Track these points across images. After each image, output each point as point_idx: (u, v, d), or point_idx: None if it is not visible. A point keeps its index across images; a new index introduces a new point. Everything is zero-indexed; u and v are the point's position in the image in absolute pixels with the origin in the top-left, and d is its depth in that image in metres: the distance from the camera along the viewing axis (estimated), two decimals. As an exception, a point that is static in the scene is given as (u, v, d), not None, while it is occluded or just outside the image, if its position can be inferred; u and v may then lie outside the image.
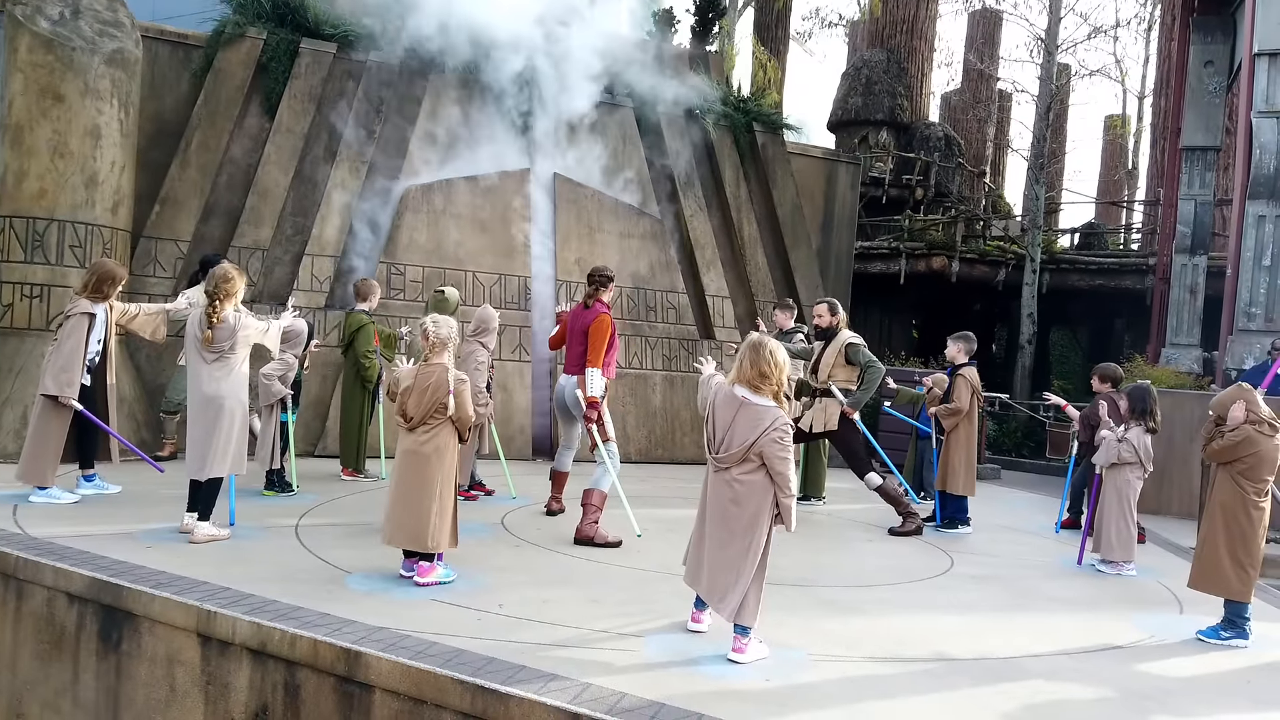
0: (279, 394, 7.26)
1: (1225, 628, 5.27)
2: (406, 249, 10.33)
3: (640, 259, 11.69)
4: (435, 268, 10.38)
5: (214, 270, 6.00)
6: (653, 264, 11.77)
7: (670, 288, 11.84)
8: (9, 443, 7.91)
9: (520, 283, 10.80)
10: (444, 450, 5.17)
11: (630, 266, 11.54)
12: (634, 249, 11.67)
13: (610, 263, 11.07)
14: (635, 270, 11.60)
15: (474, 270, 10.56)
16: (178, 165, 9.84)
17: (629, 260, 11.56)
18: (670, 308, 11.78)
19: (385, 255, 10.25)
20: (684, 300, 11.92)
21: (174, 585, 4.74)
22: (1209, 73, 13.70)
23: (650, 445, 11.08)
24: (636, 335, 11.37)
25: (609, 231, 11.49)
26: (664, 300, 11.75)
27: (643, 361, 11.30)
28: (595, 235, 11.38)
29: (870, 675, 4.29)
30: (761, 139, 13.23)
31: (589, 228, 11.38)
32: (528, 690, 3.72)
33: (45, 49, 8.34)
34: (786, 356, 4.46)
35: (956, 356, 8.15)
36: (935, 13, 24.66)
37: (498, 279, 10.67)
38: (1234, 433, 5.29)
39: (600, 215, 11.49)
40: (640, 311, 11.52)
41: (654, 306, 11.65)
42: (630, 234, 11.64)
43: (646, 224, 11.84)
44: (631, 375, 11.15)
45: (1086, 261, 18.80)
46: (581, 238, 11.29)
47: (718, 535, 4.42)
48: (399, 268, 10.21)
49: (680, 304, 11.87)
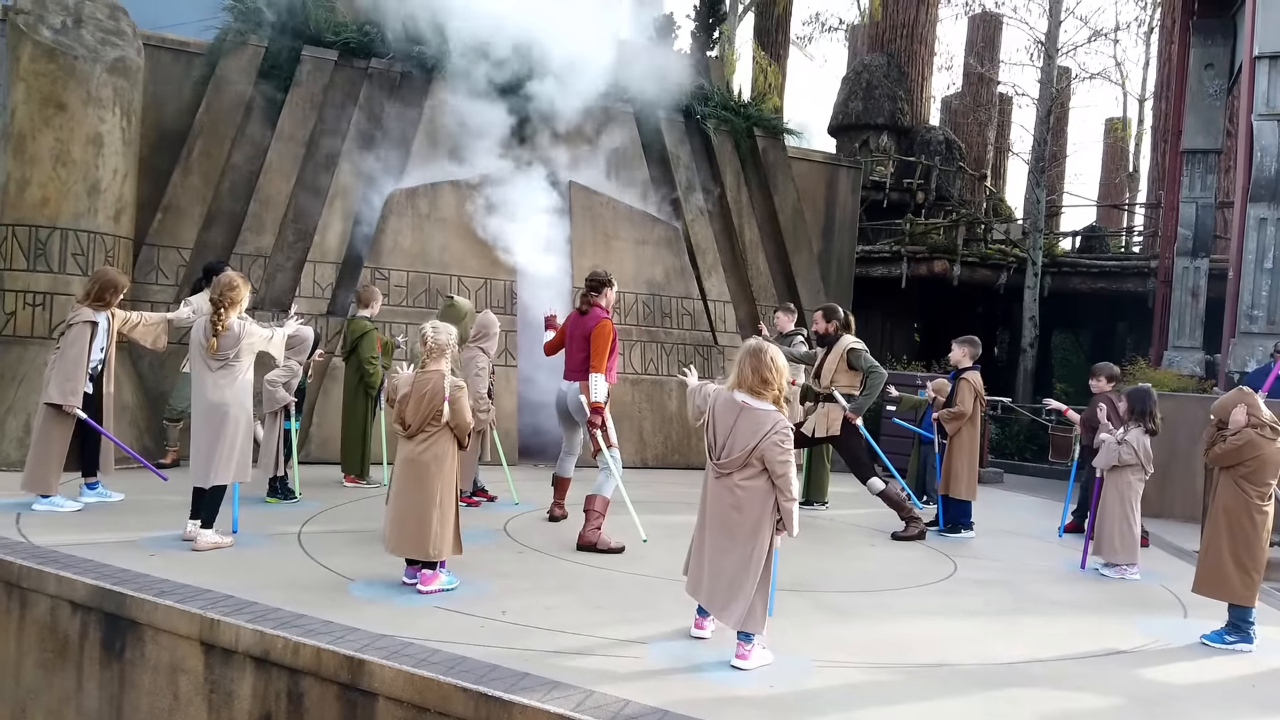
0: (283, 401, 7.26)
1: (1230, 632, 5.26)
2: (391, 253, 10.28)
3: (655, 265, 11.75)
4: (420, 272, 10.34)
5: (219, 278, 6.01)
6: (667, 270, 11.82)
7: (685, 294, 11.90)
8: (12, 451, 7.91)
9: (505, 286, 10.76)
10: (443, 457, 5.17)
11: (645, 273, 11.61)
12: (649, 256, 11.72)
13: (626, 269, 11.27)
14: (650, 277, 11.67)
15: (459, 274, 10.54)
16: (180, 173, 9.87)
17: (644, 267, 11.62)
18: (685, 314, 11.84)
19: (370, 259, 10.20)
20: (699, 306, 11.97)
21: (177, 593, 4.75)
22: (1209, 75, 13.70)
23: (666, 451, 11.08)
24: (652, 341, 11.40)
25: (624, 239, 11.51)
26: (679, 306, 11.81)
27: (658, 368, 11.30)
28: (611, 242, 11.39)
29: (874, 681, 4.28)
30: (762, 143, 13.24)
31: (605, 235, 11.38)
32: (531, 698, 3.72)
33: (48, 58, 8.36)
34: (785, 361, 4.48)
35: (961, 360, 8.13)
36: (935, 17, 24.69)
37: (483, 283, 10.64)
38: (1236, 436, 5.28)
39: (615, 222, 11.52)
40: (655, 318, 11.58)
41: (669, 313, 11.71)
42: (645, 241, 11.68)
43: (661, 230, 11.88)
44: (648, 381, 11.15)
45: (1088, 265, 18.79)
46: (597, 245, 11.27)
47: (719, 543, 4.41)
48: (383, 272, 10.18)
49: (695, 310, 11.93)
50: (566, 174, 11.33)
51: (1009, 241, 20.31)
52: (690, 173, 12.51)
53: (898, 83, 22.49)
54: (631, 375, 11.06)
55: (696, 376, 5.13)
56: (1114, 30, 31.37)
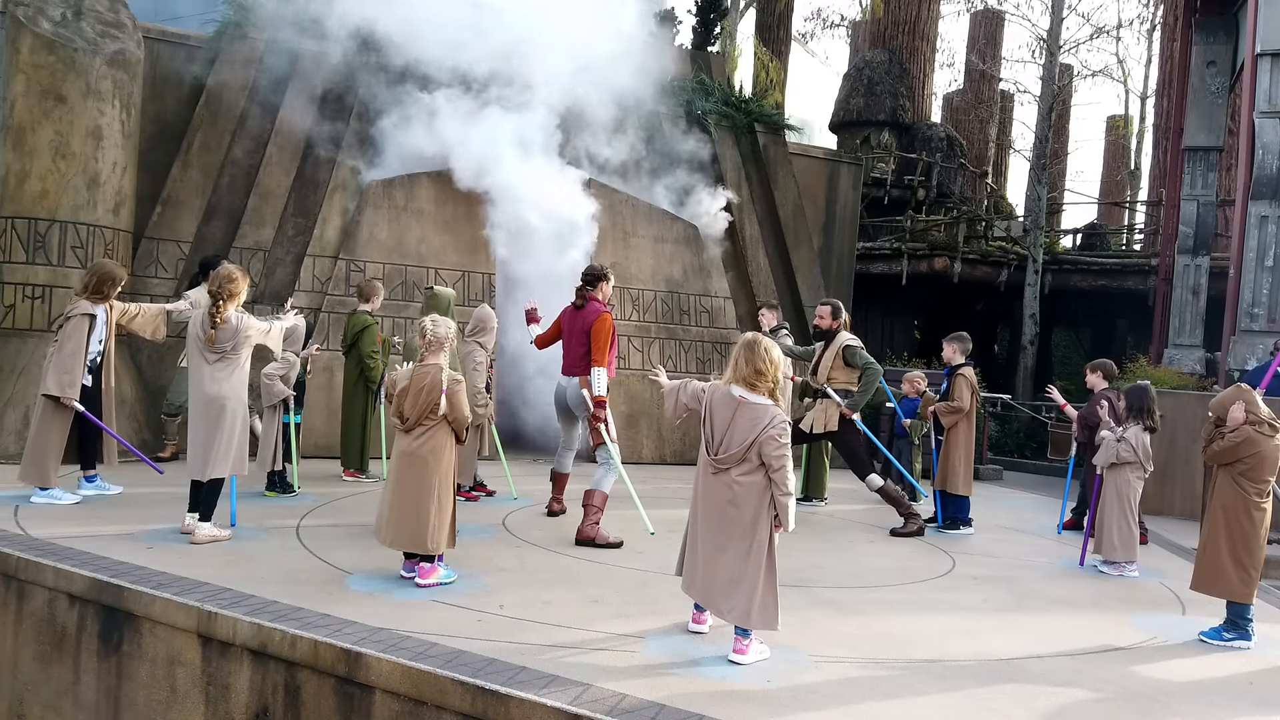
0: (281, 394, 7.26)
1: (1228, 629, 5.26)
2: (366, 245, 10.19)
3: (674, 263, 11.76)
4: (396, 264, 10.27)
5: (218, 270, 6.00)
6: (686, 268, 11.84)
7: (704, 291, 11.92)
8: (10, 444, 7.91)
9: (484, 280, 10.70)
10: (441, 451, 5.16)
11: (664, 270, 11.63)
12: (667, 253, 11.72)
13: (645, 267, 11.35)
14: (669, 274, 11.69)
15: (436, 267, 10.49)
16: (179, 166, 9.85)
17: (663, 264, 11.64)
18: (704, 311, 11.86)
19: (344, 251, 10.12)
20: (717, 304, 11.98)
21: (175, 586, 4.75)
22: (1211, 73, 13.69)
23: (685, 447, 11.07)
24: (670, 339, 11.42)
25: (643, 236, 11.51)
26: (697, 304, 11.84)
27: (677, 365, 11.31)
28: (630, 240, 11.37)
29: (871, 676, 4.28)
30: (763, 140, 13.22)
31: (624, 233, 11.37)
32: (528, 691, 3.72)
33: (47, 50, 8.35)
34: (781, 354, 4.48)
35: (953, 357, 8.16)
36: (937, 13, 24.65)
37: (461, 276, 10.60)
38: (1234, 434, 5.28)
39: (634, 220, 11.51)
40: (674, 315, 11.61)
41: (688, 310, 11.74)
42: (664, 238, 11.67)
43: (680, 228, 11.88)
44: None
45: (1089, 262, 18.78)
46: (616, 242, 11.24)
47: (714, 540, 4.40)
48: (359, 264, 10.10)
49: (714, 307, 11.94)
50: (587, 171, 11.27)
51: (1010, 239, 20.31)
52: (690, 168, 12.46)
53: (899, 79, 22.45)
54: (651, 372, 11.07)
55: (665, 376, 5.31)
56: (1116, 27, 31.32)
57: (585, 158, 11.34)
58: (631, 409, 10.96)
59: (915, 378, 9.34)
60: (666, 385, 5.03)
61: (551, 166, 10.81)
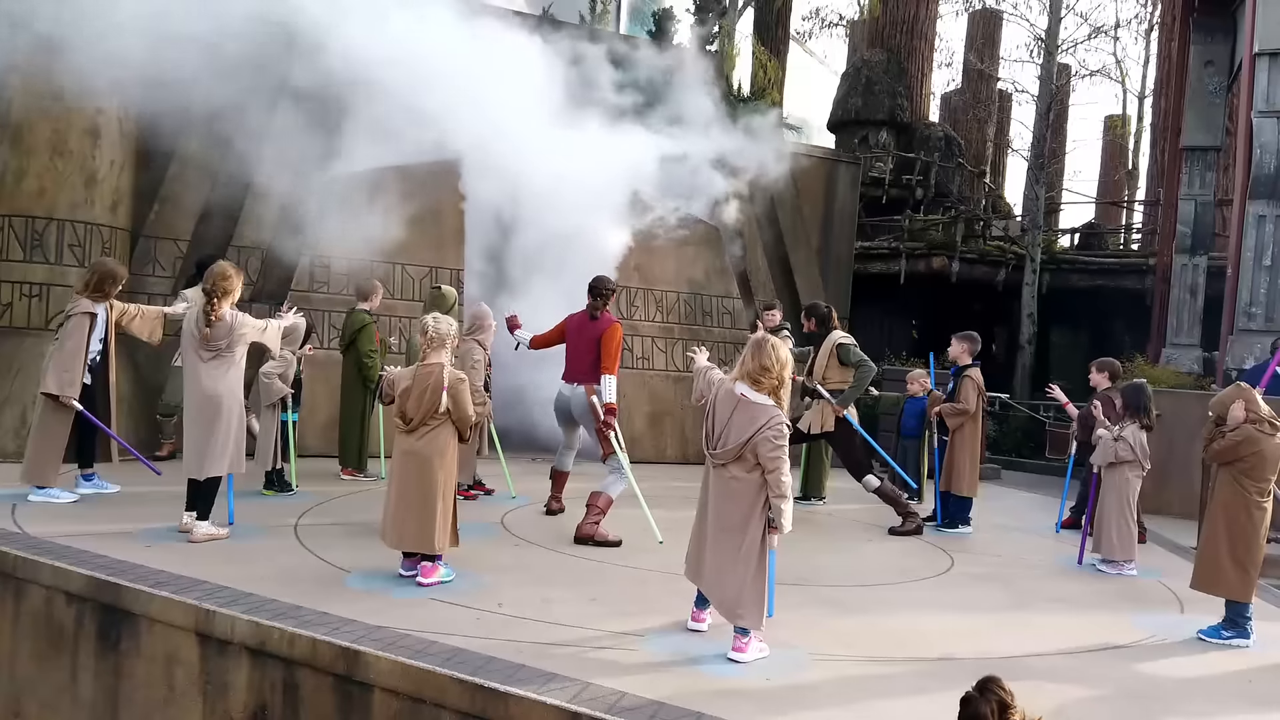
0: (279, 393, 7.24)
1: (1226, 627, 5.27)
2: (333, 239, 9.88)
3: (696, 265, 11.80)
4: (363, 260, 9.97)
5: (212, 268, 5.99)
6: (708, 270, 11.88)
7: (725, 293, 11.97)
8: (8, 442, 7.89)
9: (452, 275, 10.55)
10: (444, 450, 5.16)
11: (686, 272, 11.67)
12: (689, 255, 11.74)
13: (667, 269, 11.45)
14: (691, 276, 11.73)
15: (403, 263, 10.36)
16: (177, 164, 9.81)
17: (685, 266, 11.68)
18: (725, 313, 11.92)
19: (309, 247, 9.94)
20: (738, 305, 12.02)
21: (173, 584, 4.74)
22: (1209, 72, 13.69)
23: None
24: (693, 340, 11.38)
25: (665, 238, 11.49)
26: (719, 306, 11.90)
27: None
28: (652, 242, 11.32)
29: (870, 675, 4.28)
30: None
31: (646, 234, 11.34)
32: (527, 689, 3.72)
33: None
34: (789, 354, 4.50)
35: (960, 357, 8.10)
36: (935, 13, 24.63)
37: (429, 271, 10.51)
38: (1234, 433, 5.28)
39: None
40: (696, 316, 11.67)
41: (709, 312, 11.80)
42: (686, 241, 11.66)
43: (702, 230, 11.89)
44: (689, 379, 11.08)
45: (1087, 262, 18.79)
46: (639, 243, 11.19)
47: (713, 533, 4.45)
48: (324, 259, 9.96)
49: (735, 309, 11.97)
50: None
51: (1008, 238, 20.30)
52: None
53: (897, 79, 22.44)
54: (674, 373, 11.21)
55: (706, 356, 5.25)
56: (1114, 27, 31.22)
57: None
58: (655, 409, 11.02)
59: (919, 376, 9.27)
60: (700, 364, 5.04)
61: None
